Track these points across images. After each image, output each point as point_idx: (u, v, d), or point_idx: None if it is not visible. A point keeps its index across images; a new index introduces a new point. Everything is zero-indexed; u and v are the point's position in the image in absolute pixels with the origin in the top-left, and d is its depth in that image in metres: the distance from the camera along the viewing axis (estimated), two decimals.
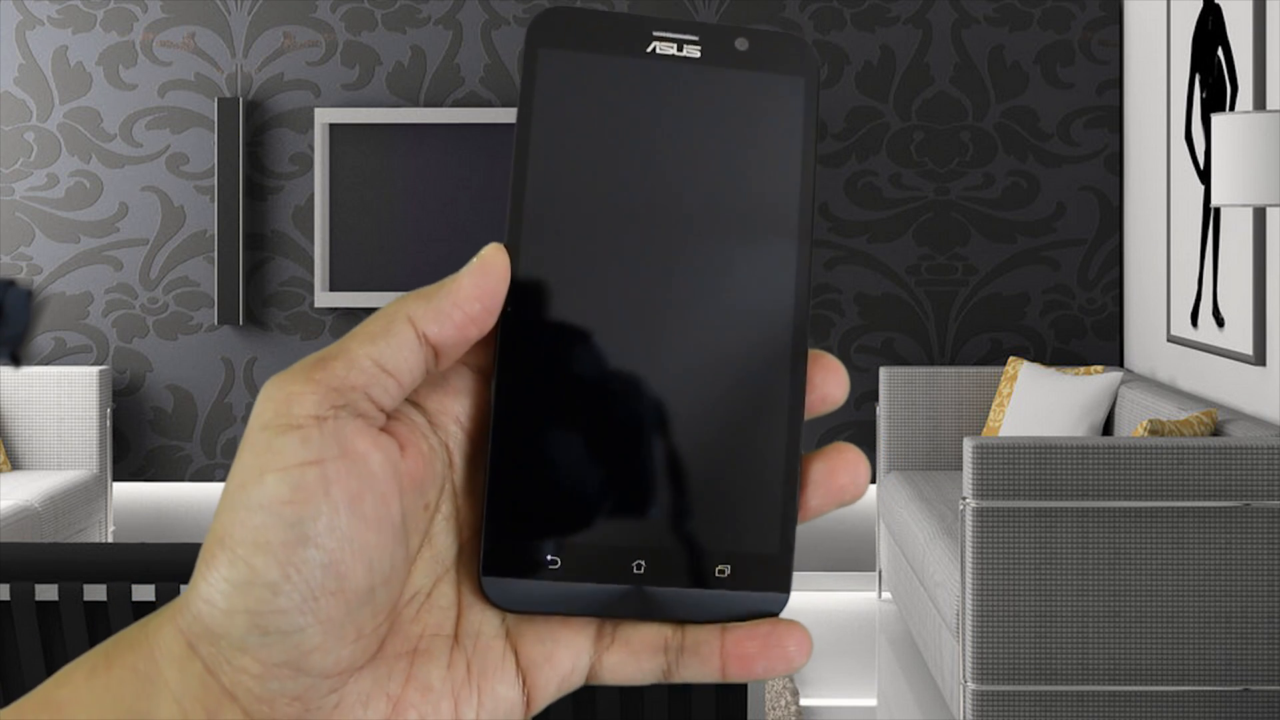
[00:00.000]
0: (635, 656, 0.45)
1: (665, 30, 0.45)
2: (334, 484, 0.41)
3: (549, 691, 0.45)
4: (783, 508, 0.44)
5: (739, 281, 0.45)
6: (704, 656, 0.44)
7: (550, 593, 0.43)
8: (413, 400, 0.45)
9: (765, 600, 0.44)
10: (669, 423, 0.44)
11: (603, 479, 0.44)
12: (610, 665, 0.45)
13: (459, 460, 0.45)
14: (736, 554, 0.44)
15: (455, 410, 0.45)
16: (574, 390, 0.44)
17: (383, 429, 0.43)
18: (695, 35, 0.45)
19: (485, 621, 0.45)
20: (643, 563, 0.43)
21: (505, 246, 0.45)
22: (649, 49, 0.45)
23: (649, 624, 0.44)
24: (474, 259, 0.44)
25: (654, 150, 0.45)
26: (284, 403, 0.41)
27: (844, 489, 0.45)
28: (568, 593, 0.43)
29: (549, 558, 0.43)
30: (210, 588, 0.41)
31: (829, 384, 0.46)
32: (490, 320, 0.44)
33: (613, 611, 0.43)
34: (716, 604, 0.44)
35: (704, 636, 0.44)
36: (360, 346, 0.42)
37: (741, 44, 0.46)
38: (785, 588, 0.44)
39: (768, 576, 0.44)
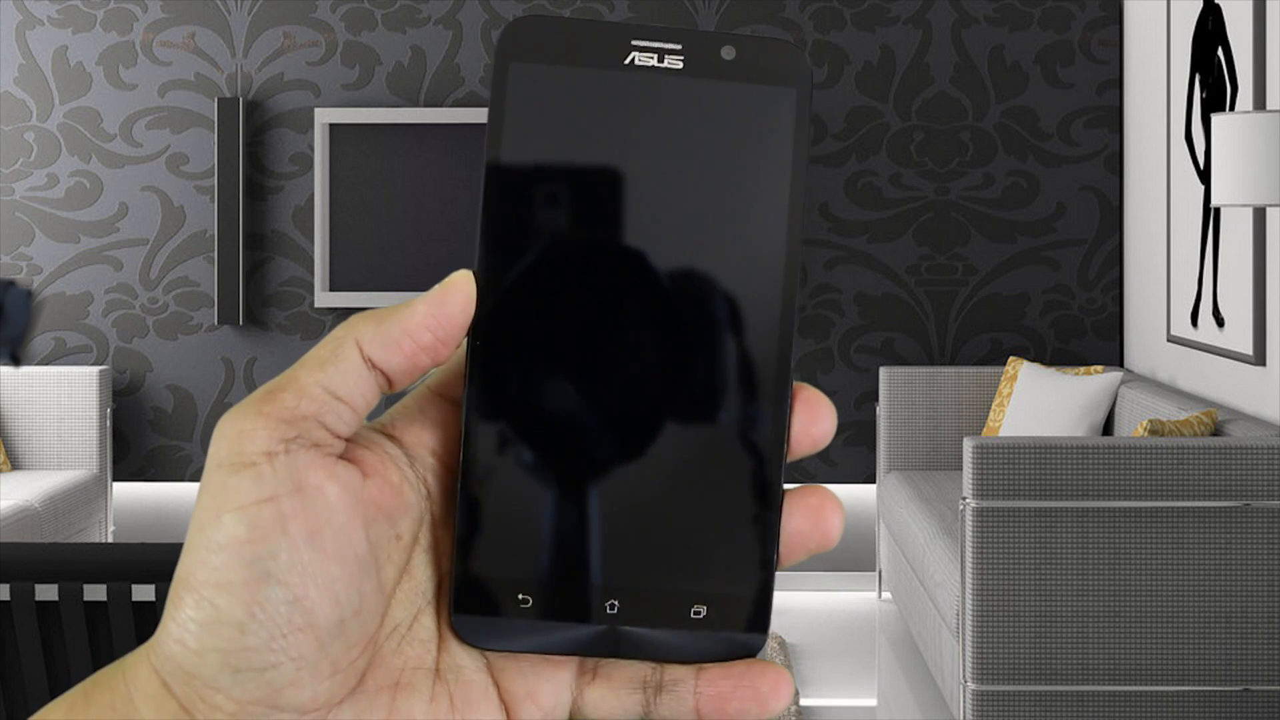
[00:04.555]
0: (616, 693, 0.44)
1: (645, 39, 0.42)
2: (290, 519, 0.40)
3: None
4: (761, 549, 0.42)
5: (720, 312, 0.42)
6: (679, 695, 0.43)
7: (522, 631, 0.42)
8: (389, 433, 0.44)
9: (742, 641, 0.42)
10: (644, 458, 0.42)
11: (575, 516, 0.42)
12: (592, 701, 0.44)
13: (437, 492, 0.44)
14: (713, 594, 0.42)
15: (431, 442, 0.44)
16: (545, 424, 0.42)
17: (344, 456, 0.42)
18: (678, 44, 0.42)
19: (467, 655, 0.44)
20: (616, 603, 0.42)
21: (474, 274, 0.43)
22: (628, 60, 0.42)
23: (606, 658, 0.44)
24: (437, 285, 0.43)
25: (633, 172, 0.42)
26: (236, 440, 0.41)
27: (810, 539, 0.44)
28: (539, 632, 0.42)
29: (520, 596, 0.42)
30: (180, 628, 0.40)
31: (816, 424, 0.44)
32: (445, 351, 0.43)
33: (586, 651, 0.42)
34: (692, 644, 0.42)
35: (680, 675, 0.43)
36: (309, 374, 0.41)
37: (728, 52, 0.43)
38: (763, 629, 0.42)
39: (745, 617, 0.42)
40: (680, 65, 0.43)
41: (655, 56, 0.42)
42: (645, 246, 0.42)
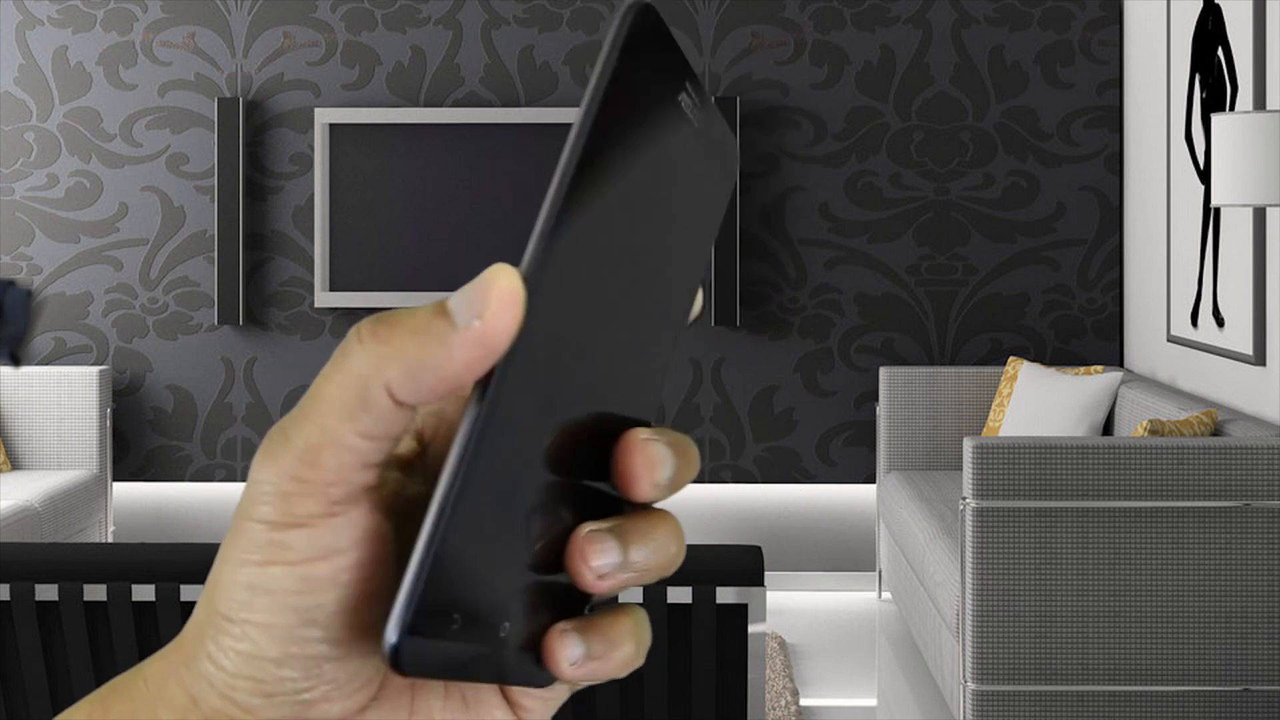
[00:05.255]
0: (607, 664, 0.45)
1: (693, 88, 0.44)
2: (343, 573, 0.40)
3: (537, 713, 0.45)
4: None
5: (660, 368, 0.44)
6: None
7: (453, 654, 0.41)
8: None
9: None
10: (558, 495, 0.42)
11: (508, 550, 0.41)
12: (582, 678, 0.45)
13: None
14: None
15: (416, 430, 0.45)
16: (524, 458, 0.41)
17: (379, 485, 0.42)
18: (700, 100, 0.44)
19: None
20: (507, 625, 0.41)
21: (523, 278, 0.40)
22: (679, 98, 0.43)
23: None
24: (475, 320, 0.38)
25: (658, 216, 0.43)
26: (285, 500, 0.40)
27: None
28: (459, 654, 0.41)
29: (454, 617, 0.40)
30: (219, 651, 0.41)
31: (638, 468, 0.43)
32: (475, 377, 0.40)
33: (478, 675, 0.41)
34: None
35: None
36: (344, 425, 0.39)
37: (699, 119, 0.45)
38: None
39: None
40: (695, 124, 0.44)
41: (691, 105, 0.44)
42: (645, 303, 0.43)
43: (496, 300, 0.38)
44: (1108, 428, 5.40)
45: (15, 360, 1.07)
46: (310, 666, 0.40)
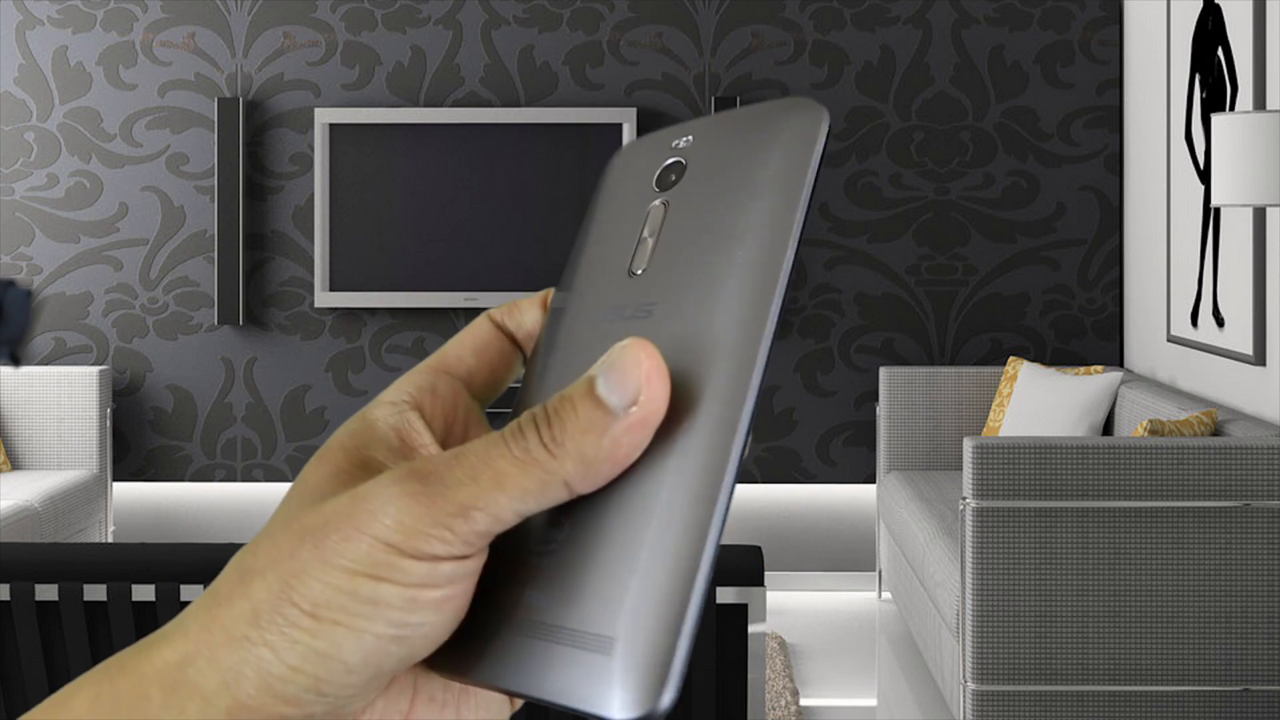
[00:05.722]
0: None
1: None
2: (449, 602, 0.41)
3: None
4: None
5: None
6: None
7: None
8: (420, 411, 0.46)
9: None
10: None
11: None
12: None
13: None
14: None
15: (437, 425, 0.47)
16: None
17: None
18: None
19: None
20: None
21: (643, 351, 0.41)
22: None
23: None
24: (642, 398, 0.40)
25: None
26: (414, 535, 0.40)
27: None
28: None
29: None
30: (284, 642, 0.40)
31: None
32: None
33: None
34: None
35: None
36: (505, 497, 0.40)
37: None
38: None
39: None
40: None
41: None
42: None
43: (647, 383, 0.40)
44: (1108, 428, 5.40)
45: (15, 360, 1.07)
46: (378, 676, 0.41)
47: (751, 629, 2.33)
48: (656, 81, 6.09)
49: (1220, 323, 4.75)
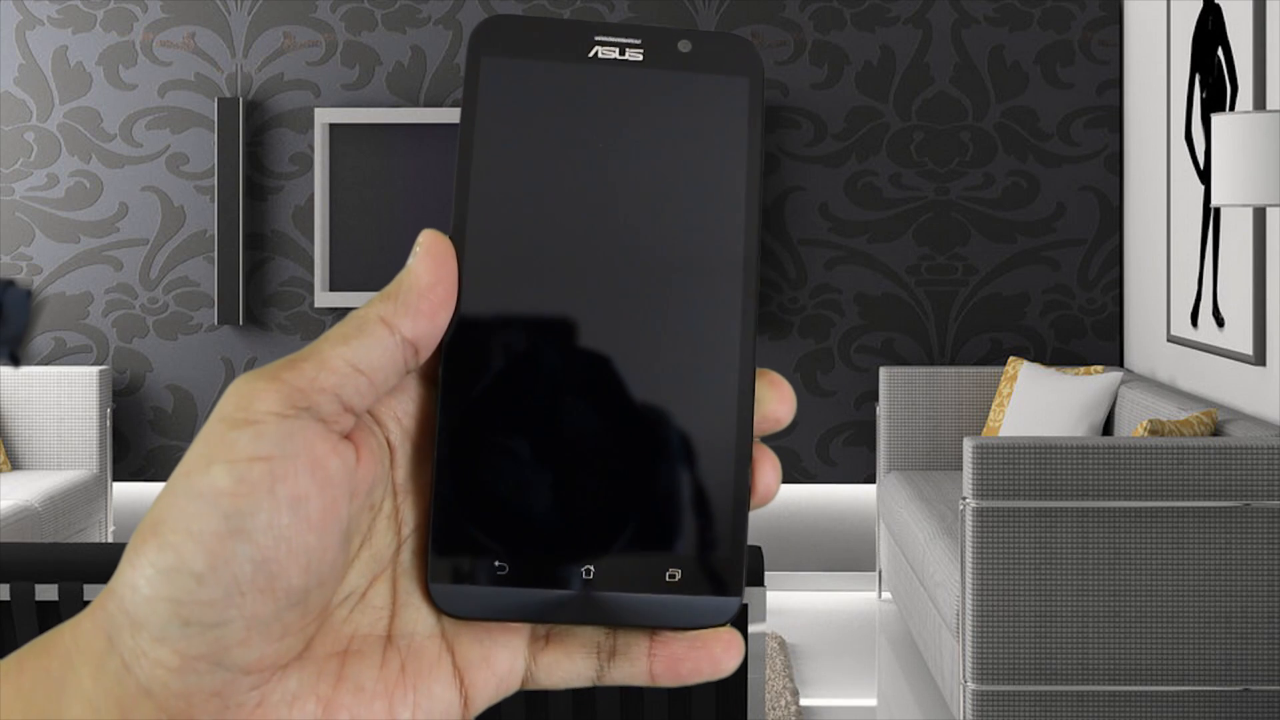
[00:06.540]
0: (570, 657, 0.45)
1: (607, 34, 0.45)
2: (281, 482, 0.40)
3: (487, 692, 0.44)
4: (734, 515, 0.43)
5: (684, 289, 0.45)
6: (633, 658, 0.44)
7: (499, 599, 0.43)
8: None
9: (717, 605, 0.43)
10: (617, 427, 0.43)
11: (550, 484, 0.43)
12: (546, 666, 0.45)
13: (400, 458, 0.44)
14: (687, 559, 0.43)
15: (396, 409, 0.44)
16: (520, 396, 0.44)
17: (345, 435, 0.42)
18: (638, 38, 0.45)
19: (420, 621, 0.44)
20: (591, 568, 0.43)
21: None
22: (591, 54, 0.45)
23: (585, 625, 0.44)
24: (416, 248, 0.44)
25: (597, 156, 0.45)
26: (246, 397, 0.40)
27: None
28: (516, 599, 0.43)
29: (497, 564, 0.43)
30: (136, 573, 0.40)
31: (776, 404, 0.45)
32: (452, 300, 0.43)
33: (562, 617, 0.43)
34: (667, 609, 0.43)
35: (633, 638, 0.44)
36: (333, 348, 0.42)
37: (684, 46, 0.45)
38: (737, 592, 0.43)
39: (719, 581, 0.43)
40: (640, 58, 0.45)
41: (617, 50, 0.45)
42: (613, 226, 0.45)
43: (425, 239, 0.44)
44: (1108, 428, 5.40)
45: (15, 360, 1.07)
46: (233, 590, 0.39)
47: (751, 629, 2.33)
48: None
49: (1220, 323, 4.75)
